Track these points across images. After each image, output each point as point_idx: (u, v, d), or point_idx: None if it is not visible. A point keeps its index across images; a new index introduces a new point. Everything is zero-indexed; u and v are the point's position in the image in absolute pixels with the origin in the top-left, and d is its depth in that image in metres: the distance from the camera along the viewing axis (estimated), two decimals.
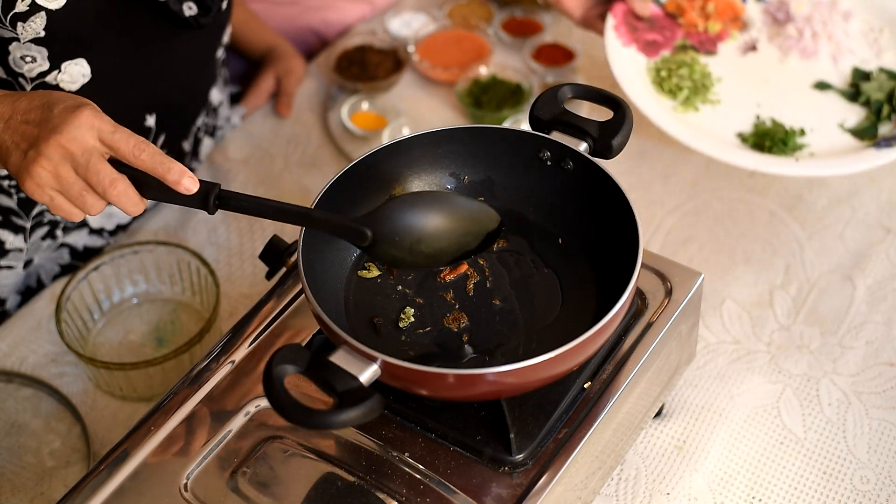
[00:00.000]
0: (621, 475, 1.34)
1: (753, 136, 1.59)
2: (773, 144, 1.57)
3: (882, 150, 1.54)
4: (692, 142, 1.55)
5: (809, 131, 1.60)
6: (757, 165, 1.53)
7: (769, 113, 1.63)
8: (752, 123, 1.62)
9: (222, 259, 1.62)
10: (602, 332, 1.08)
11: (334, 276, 1.23)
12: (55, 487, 1.38)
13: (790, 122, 1.61)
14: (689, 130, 1.58)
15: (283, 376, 1.01)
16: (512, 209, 1.29)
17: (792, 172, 1.53)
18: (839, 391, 1.42)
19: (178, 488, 1.13)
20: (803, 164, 1.54)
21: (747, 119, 1.62)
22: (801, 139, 1.59)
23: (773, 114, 1.63)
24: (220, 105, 1.76)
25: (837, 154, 1.57)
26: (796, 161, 1.55)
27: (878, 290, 1.53)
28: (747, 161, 1.53)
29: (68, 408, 1.44)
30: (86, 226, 1.58)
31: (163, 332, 1.53)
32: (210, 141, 1.76)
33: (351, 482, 1.12)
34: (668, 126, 1.58)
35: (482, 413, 1.15)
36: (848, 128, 1.61)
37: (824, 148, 1.58)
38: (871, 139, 1.58)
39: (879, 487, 1.33)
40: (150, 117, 1.50)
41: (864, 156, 1.54)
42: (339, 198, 1.22)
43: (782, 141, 1.57)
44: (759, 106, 1.64)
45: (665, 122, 1.58)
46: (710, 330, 1.49)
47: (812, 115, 1.63)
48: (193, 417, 1.18)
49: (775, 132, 1.59)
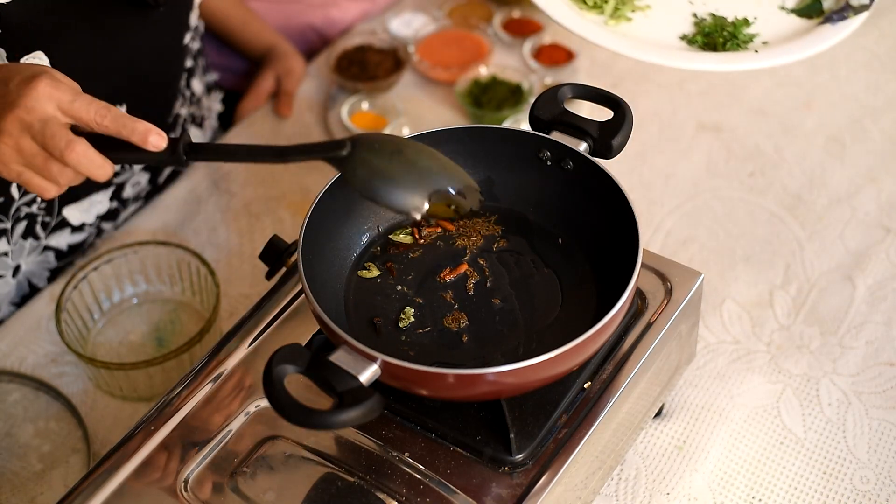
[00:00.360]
0: (621, 475, 1.34)
1: (700, 36, 1.48)
2: (726, 40, 1.45)
3: (838, 24, 1.46)
4: (640, 53, 1.43)
5: (753, 20, 1.50)
6: (719, 65, 1.41)
7: (704, 8, 1.51)
8: (691, 23, 1.50)
9: (222, 259, 1.62)
10: (602, 332, 1.08)
11: (334, 276, 1.23)
12: (55, 487, 1.38)
13: (729, 14, 1.51)
14: (630, 42, 1.46)
15: (283, 376, 1.01)
16: (512, 209, 1.29)
17: (758, 65, 1.42)
18: (839, 391, 1.42)
19: (178, 488, 1.13)
20: (765, 55, 1.44)
21: (684, 19, 1.51)
22: (749, 29, 1.49)
23: (708, 8, 1.51)
24: (202, 95, 1.76)
25: (793, 37, 1.47)
26: (756, 53, 1.44)
27: (878, 290, 1.53)
28: (707, 63, 1.42)
29: (68, 408, 1.44)
30: (67, 225, 1.56)
31: (163, 332, 1.53)
32: (198, 131, 1.76)
33: (351, 482, 1.12)
34: (607, 41, 1.44)
35: (482, 413, 1.15)
36: (791, 8, 1.52)
37: (776, 34, 1.49)
38: (818, 15, 1.50)
39: (879, 487, 1.33)
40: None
41: (822, 33, 1.46)
42: (339, 198, 1.22)
43: (732, 34, 1.46)
44: (692, 2, 1.53)
45: (603, 38, 1.45)
46: (710, 330, 1.49)
47: (747, 2, 1.52)
48: (193, 417, 1.18)
49: (721, 27, 1.47)
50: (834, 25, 1.46)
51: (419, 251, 1.26)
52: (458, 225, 1.29)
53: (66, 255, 1.60)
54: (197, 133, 1.76)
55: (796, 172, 1.70)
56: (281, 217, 1.67)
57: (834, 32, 1.45)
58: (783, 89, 1.84)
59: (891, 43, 1.91)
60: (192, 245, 1.63)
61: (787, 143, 1.75)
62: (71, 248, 1.60)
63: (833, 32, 1.45)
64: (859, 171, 1.70)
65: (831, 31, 1.45)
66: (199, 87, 1.73)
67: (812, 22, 1.49)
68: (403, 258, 1.26)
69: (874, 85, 1.84)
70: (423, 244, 1.27)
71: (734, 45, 1.44)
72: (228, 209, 1.69)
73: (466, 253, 1.26)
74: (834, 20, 1.47)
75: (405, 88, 1.87)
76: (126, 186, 1.61)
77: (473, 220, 1.29)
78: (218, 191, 1.72)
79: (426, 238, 1.27)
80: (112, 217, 1.64)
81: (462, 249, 1.26)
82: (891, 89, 1.83)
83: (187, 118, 1.69)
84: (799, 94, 1.83)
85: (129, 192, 1.63)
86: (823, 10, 1.50)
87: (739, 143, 1.75)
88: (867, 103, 1.81)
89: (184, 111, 1.68)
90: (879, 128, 1.77)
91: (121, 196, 1.62)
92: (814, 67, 1.87)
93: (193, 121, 1.73)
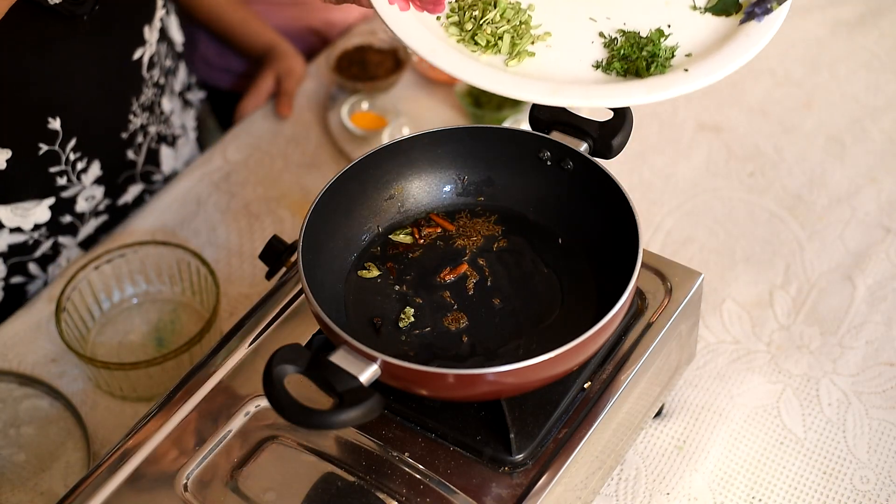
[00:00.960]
0: (621, 475, 1.34)
1: (617, 63, 1.22)
2: (648, 62, 1.21)
3: (764, 20, 1.22)
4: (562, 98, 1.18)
5: (667, 28, 1.25)
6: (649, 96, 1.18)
7: (610, 24, 1.27)
8: (601, 45, 1.25)
9: (222, 259, 1.62)
10: (602, 332, 1.08)
11: (334, 276, 1.23)
12: (55, 487, 1.38)
13: (639, 27, 1.25)
14: (545, 84, 1.19)
15: (283, 376, 1.01)
16: (512, 209, 1.29)
17: (692, 88, 1.18)
18: (839, 391, 1.42)
19: (178, 488, 1.13)
20: (697, 73, 1.19)
21: (592, 42, 1.25)
22: (666, 40, 1.24)
23: (614, 23, 1.27)
24: (171, 113, 1.73)
25: (720, 43, 1.22)
26: (686, 72, 1.19)
27: (878, 290, 1.53)
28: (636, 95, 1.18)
29: (68, 408, 1.44)
30: (3, 227, 1.53)
31: (163, 332, 1.53)
32: (170, 150, 1.74)
33: (351, 482, 1.12)
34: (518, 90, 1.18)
35: (482, 413, 1.15)
36: (704, 6, 1.27)
37: (696, 40, 1.23)
38: (736, 10, 1.26)
39: (879, 487, 1.33)
40: (55, 120, 1.47)
41: (750, 33, 1.21)
42: (339, 198, 1.22)
43: (652, 53, 1.22)
44: (595, 20, 1.27)
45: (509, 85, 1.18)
46: (710, 330, 1.49)
47: (654, 7, 1.28)
48: (193, 417, 1.18)
49: (637, 45, 1.23)
50: (760, 22, 1.22)
51: (419, 251, 1.26)
52: (458, 225, 1.29)
53: (11, 255, 1.56)
54: (168, 152, 1.73)
55: (796, 172, 1.70)
56: (281, 217, 1.67)
57: (763, 31, 1.21)
58: (783, 89, 1.84)
59: (891, 43, 1.91)
60: (192, 245, 1.63)
61: (787, 143, 1.75)
62: (13, 249, 1.55)
63: (762, 31, 1.21)
64: (859, 171, 1.70)
65: (759, 30, 1.21)
66: (169, 106, 1.71)
67: (732, 20, 1.25)
68: (403, 258, 1.26)
69: (874, 85, 1.84)
70: (422, 244, 1.27)
71: (659, 68, 1.21)
72: (228, 209, 1.69)
73: (466, 253, 1.26)
74: (758, 15, 1.22)
75: (405, 88, 1.87)
76: (78, 200, 1.57)
77: (473, 220, 1.29)
78: (218, 191, 1.72)
79: (426, 238, 1.27)
80: (70, 231, 1.61)
81: (462, 249, 1.26)
82: (891, 89, 1.83)
83: (152, 136, 1.67)
84: (799, 94, 1.83)
85: (84, 206, 1.59)
86: (740, 3, 1.26)
87: (739, 143, 1.75)
88: (867, 103, 1.81)
89: (152, 129, 1.66)
90: (879, 128, 1.77)
91: (73, 210, 1.58)
92: (814, 67, 1.87)
93: (164, 140, 1.72)
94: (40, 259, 1.59)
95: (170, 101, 1.71)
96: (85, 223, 1.61)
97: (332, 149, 1.78)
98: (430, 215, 1.30)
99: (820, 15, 1.96)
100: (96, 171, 1.57)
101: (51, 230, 1.57)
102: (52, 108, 1.47)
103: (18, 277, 1.58)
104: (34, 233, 1.56)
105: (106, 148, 1.58)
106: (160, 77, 1.65)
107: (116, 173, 1.62)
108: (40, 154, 1.48)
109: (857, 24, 1.94)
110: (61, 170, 1.51)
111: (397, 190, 1.29)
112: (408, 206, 1.30)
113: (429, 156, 1.28)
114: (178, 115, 1.77)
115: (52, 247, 1.59)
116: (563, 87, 1.19)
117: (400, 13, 1.22)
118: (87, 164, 1.55)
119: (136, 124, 1.61)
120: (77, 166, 1.53)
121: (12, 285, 1.58)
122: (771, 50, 1.91)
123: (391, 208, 1.29)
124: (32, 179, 1.50)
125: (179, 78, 1.77)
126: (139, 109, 1.61)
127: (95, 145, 1.56)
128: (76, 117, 1.50)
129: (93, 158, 1.56)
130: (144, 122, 1.64)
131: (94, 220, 1.63)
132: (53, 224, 1.57)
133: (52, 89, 1.46)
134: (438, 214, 1.30)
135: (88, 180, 1.56)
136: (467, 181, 1.30)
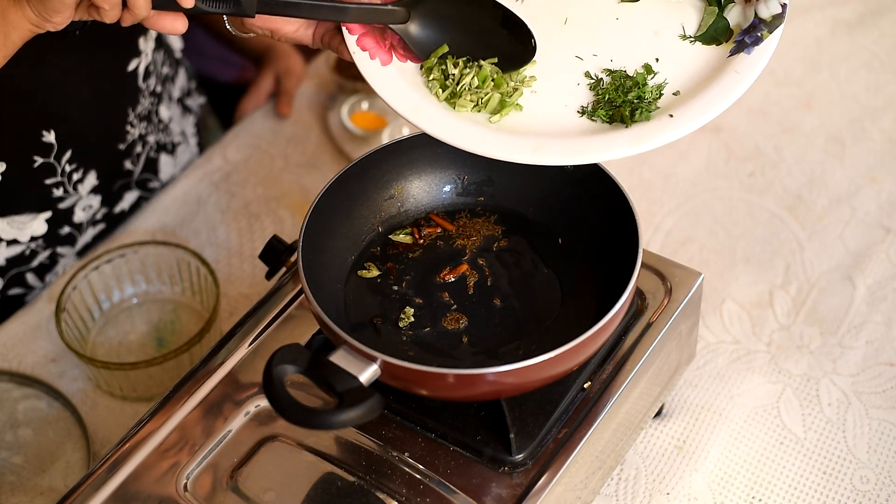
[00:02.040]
0: (621, 475, 1.34)
1: (602, 110, 1.16)
2: (633, 108, 1.14)
3: (753, 52, 1.15)
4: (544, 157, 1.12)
5: (656, 62, 1.18)
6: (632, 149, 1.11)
7: (597, 63, 1.19)
8: (586, 87, 1.18)
9: (222, 259, 1.62)
10: (602, 332, 1.08)
11: (334, 276, 1.23)
12: (55, 487, 1.38)
13: (627, 63, 1.19)
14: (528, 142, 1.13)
15: (283, 376, 1.01)
16: (512, 209, 1.29)
17: (677, 136, 1.12)
18: (839, 391, 1.42)
19: (178, 488, 1.13)
20: (682, 119, 1.12)
21: (578, 85, 1.19)
22: (654, 79, 1.17)
23: (601, 61, 1.19)
24: (170, 121, 1.72)
25: (708, 80, 1.15)
26: (671, 118, 1.12)
27: (878, 290, 1.53)
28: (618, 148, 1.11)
29: (68, 408, 1.43)
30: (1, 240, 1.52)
31: (163, 332, 1.53)
32: (169, 158, 1.73)
33: (351, 482, 1.12)
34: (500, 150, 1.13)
35: (482, 413, 1.15)
36: (694, 35, 1.19)
37: (684, 76, 1.17)
38: (726, 38, 1.18)
39: (879, 487, 1.33)
40: (49, 133, 1.46)
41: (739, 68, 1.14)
42: (339, 198, 1.22)
43: (638, 98, 1.15)
44: (581, 59, 1.20)
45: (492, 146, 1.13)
46: (710, 330, 1.49)
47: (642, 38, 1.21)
48: (193, 417, 1.18)
49: (622, 87, 1.16)
50: (749, 54, 1.15)
51: (419, 251, 1.26)
52: (458, 225, 1.29)
53: (9, 268, 1.55)
54: (167, 160, 1.73)
55: (796, 172, 1.70)
56: (281, 217, 1.67)
57: (751, 65, 1.14)
58: (783, 89, 1.84)
59: (891, 43, 1.91)
60: (192, 245, 1.63)
61: (787, 143, 1.75)
62: (11, 262, 1.55)
63: (750, 66, 1.14)
64: (859, 171, 1.70)
65: (748, 65, 1.14)
66: (167, 114, 1.70)
67: (722, 49, 1.18)
68: (403, 258, 1.26)
69: (874, 85, 1.84)
70: (422, 244, 1.27)
71: (644, 115, 1.14)
72: (228, 209, 1.69)
73: (466, 253, 1.26)
74: (748, 46, 1.15)
75: None
76: (76, 210, 1.57)
77: (473, 220, 1.29)
78: (218, 191, 1.71)
79: (426, 238, 1.27)
80: (69, 242, 1.60)
81: (462, 249, 1.26)
82: (891, 89, 1.83)
83: (151, 145, 1.66)
84: (799, 94, 1.83)
85: (82, 216, 1.58)
86: (731, 29, 1.19)
87: (739, 143, 1.75)
88: (867, 103, 1.81)
89: (151, 139, 1.65)
90: (879, 128, 1.77)
91: (72, 220, 1.57)
92: (814, 67, 1.87)
93: (164, 148, 1.71)
94: (37, 269, 1.58)
95: (168, 108, 1.70)
96: (83, 233, 1.61)
97: (332, 149, 1.78)
98: (430, 215, 1.30)
99: (820, 15, 1.96)
100: (93, 180, 1.56)
101: (48, 241, 1.56)
102: (47, 121, 1.46)
103: (16, 289, 1.58)
104: (31, 244, 1.55)
105: (102, 159, 1.57)
106: (157, 86, 1.64)
107: (113, 182, 1.62)
108: (35, 166, 1.47)
109: (856, 24, 1.94)
110: (57, 181, 1.50)
111: (397, 190, 1.29)
112: (408, 206, 1.30)
113: (429, 156, 1.28)
114: (178, 122, 1.76)
115: (50, 257, 1.58)
116: (545, 144, 1.13)
117: (381, 67, 1.23)
118: (84, 175, 1.54)
119: (133, 135, 1.60)
120: (73, 177, 1.52)
121: (10, 296, 1.58)
122: None
123: (391, 208, 1.29)
124: (28, 191, 1.49)
125: (178, 84, 1.76)
126: (136, 120, 1.60)
127: (91, 156, 1.55)
128: (71, 129, 1.49)
129: (89, 169, 1.55)
130: (143, 131, 1.63)
131: (92, 230, 1.63)
132: (51, 235, 1.56)
133: (46, 102, 1.45)
134: (438, 214, 1.30)
135: (85, 190, 1.55)
136: (467, 181, 1.30)
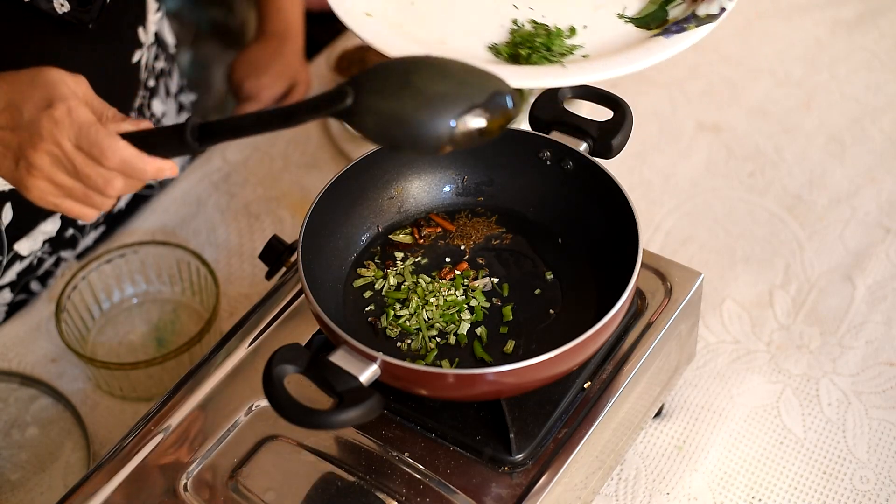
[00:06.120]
0: (621, 475, 1.34)
1: (508, 47, 1.24)
2: (533, 51, 1.22)
3: (672, 38, 1.20)
4: None
5: (582, 29, 1.25)
6: (508, 81, 1.10)
7: (528, 15, 1.28)
8: (507, 31, 1.26)
9: (222, 259, 1.62)
10: (602, 331, 1.08)
11: (334, 276, 1.23)
12: (55, 487, 1.38)
13: (556, 22, 1.26)
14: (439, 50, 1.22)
15: (283, 376, 1.01)
16: (512, 209, 1.29)
17: (557, 83, 1.18)
18: (839, 391, 1.42)
19: (178, 488, 1.13)
20: (572, 70, 1.18)
21: (502, 26, 1.27)
22: (573, 40, 1.24)
23: (533, 15, 1.28)
24: (163, 116, 1.72)
25: (615, 51, 1.22)
26: (564, 67, 1.19)
27: (878, 290, 1.53)
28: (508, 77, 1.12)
29: (68, 408, 1.44)
30: (18, 258, 1.51)
31: (163, 332, 1.53)
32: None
33: (351, 482, 1.12)
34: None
35: (482, 413, 1.15)
36: (630, 16, 1.27)
37: (602, 46, 1.23)
38: (658, 26, 1.26)
39: (879, 487, 1.33)
40: None
41: (648, 48, 1.20)
42: (338, 198, 1.22)
43: (545, 46, 1.22)
44: (517, 7, 1.29)
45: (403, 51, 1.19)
46: (710, 330, 1.49)
47: (582, 7, 1.29)
48: (193, 417, 1.18)
49: (535, 36, 1.24)
50: (668, 38, 1.20)
51: (419, 251, 1.26)
52: (457, 225, 1.29)
53: (18, 282, 1.55)
54: None
55: (796, 172, 1.70)
56: (281, 217, 1.67)
57: (662, 48, 1.19)
58: (783, 89, 1.84)
59: (891, 43, 1.91)
60: (191, 245, 1.63)
61: (787, 143, 1.75)
62: (21, 274, 1.55)
63: (660, 48, 1.19)
64: (859, 171, 1.70)
65: (660, 46, 1.19)
66: (161, 108, 1.69)
67: (649, 34, 1.24)
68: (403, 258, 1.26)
69: (874, 85, 1.84)
70: (422, 244, 1.27)
71: (540, 58, 1.20)
72: (228, 209, 1.69)
73: (466, 253, 1.26)
74: (671, 32, 1.21)
75: None
76: None
77: (473, 220, 1.29)
78: (218, 191, 1.71)
79: (426, 238, 1.27)
80: (72, 245, 1.60)
81: (462, 249, 1.26)
82: (891, 89, 1.83)
83: None
84: (799, 94, 1.83)
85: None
86: (667, 20, 1.25)
87: (739, 143, 1.75)
88: (867, 103, 1.81)
89: None
90: (879, 128, 1.77)
91: (76, 223, 1.57)
92: (814, 67, 1.87)
93: None
94: (42, 276, 1.59)
95: (163, 103, 1.70)
96: (85, 235, 1.61)
97: (332, 149, 1.78)
98: (430, 215, 1.30)
99: (819, 15, 1.96)
100: None
101: (54, 246, 1.56)
102: None
103: (21, 295, 1.58)
104: (39, 251, 1.55)
105: None
106: (150, 79, 1.64)
107: None
108: None
109: (856, 24, 1.94)
110: None
111: (397, 190, 1.29)
112: (408, 206, 1.30)
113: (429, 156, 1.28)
114: (173, 118, 1.76)
115: (55, 263, 1.59)
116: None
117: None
118: None
119: None
120: None
121: (15, 303, 1.58)
122: (770, 50, 1.91)
123: (391, 208, 1.29)
124: None
125: (174, 80, 1.76)
126: (134, 114, 1.60)
127: None
128: None
129: None
130: None
131: (94, 232, 1.63)
132: (57, 239, 1.56)
133: None
134: (438, 214, 1.30)
135: None
136: (467, 181, 1.30)
